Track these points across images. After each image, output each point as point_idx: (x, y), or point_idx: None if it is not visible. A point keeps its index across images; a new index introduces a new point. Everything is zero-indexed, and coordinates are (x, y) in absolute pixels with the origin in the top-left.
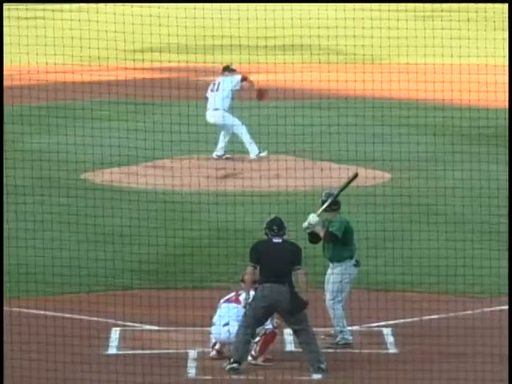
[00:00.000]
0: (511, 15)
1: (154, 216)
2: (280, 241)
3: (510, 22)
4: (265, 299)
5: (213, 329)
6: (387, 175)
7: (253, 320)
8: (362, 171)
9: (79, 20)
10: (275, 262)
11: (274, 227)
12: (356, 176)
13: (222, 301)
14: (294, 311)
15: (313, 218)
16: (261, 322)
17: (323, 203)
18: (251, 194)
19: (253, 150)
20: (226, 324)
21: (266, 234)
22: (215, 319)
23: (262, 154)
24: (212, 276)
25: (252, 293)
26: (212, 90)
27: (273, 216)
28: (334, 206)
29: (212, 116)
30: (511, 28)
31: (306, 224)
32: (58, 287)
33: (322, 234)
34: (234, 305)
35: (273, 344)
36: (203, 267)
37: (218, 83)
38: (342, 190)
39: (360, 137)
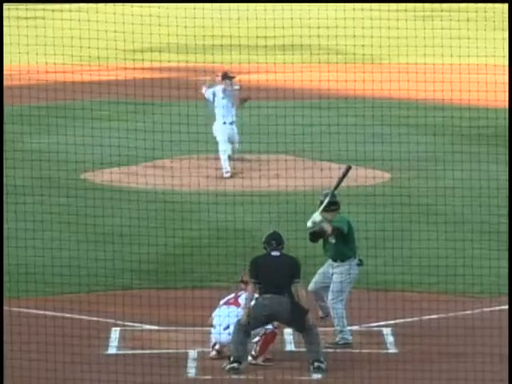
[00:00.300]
0: (511, 15)
1: (154, 216)
2: (278, 254)
3: (510, 21)
4: (265, 308)
5: (213, 332)
6: (387, 175)
7: (251, 325)
8: (362, 171)
9: (79, 20)
10: (274, 275)
11: (273, 242)
12: (349, 168)
13: (221, 302)
14: (295, 320)
15: (316, 216)
16: (258, 327)
17: (322, 203)
18: (251, 193)
19: (224, 167)
20: (227, 327)
21: (265, 248)
22: (215, 322)
23: (226, 175)
24: (212, 276)
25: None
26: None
27: (271, 230)
28: (334, 206)
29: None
30: (511, 28)
31: (309, 224)
32: (57, 287)
33: (329, 229)
34: (234, 307)
35: (273, 344)
36: (203, 267)
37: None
38: (338, 185)
39: (360, 137)
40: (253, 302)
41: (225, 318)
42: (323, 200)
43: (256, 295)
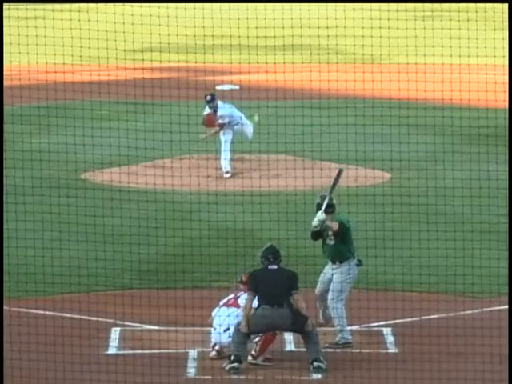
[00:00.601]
0: (511, 15)
1: (154, 216)
2: (276, 267)
3: (509, 21)
4: (265, 319)
5: (213, 334)
6: (387, 175)
7: (250, 332)
8: (362, 171)
9: (79, 20)
10: (273, 288)
11: (270, 256)
12: (341, 171)
13: (221, 302)
14: (296, 327)
15: (321, 215)
16: (258, 333)
17: (318, 206)
18: (251, 193)
19: (224, 166)
20: (227, 329)
21: (262, 262)
22: (215, 324)
23: (226, 176)
24: (212, 276)
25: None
26: None
27: (267, 245)
28: (330, 208)
29: None
30: (511, 28)
31: (315, 222)
32: (57, 287)
33: (335, 227)
34: (234, 309)
35: (272, 344)
36: (203, 267)
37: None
38: (332, 189)
39: (360, 137)
40: (252, 312)
41: (225, 320)
42: (320, 202)
43: (255, 304)
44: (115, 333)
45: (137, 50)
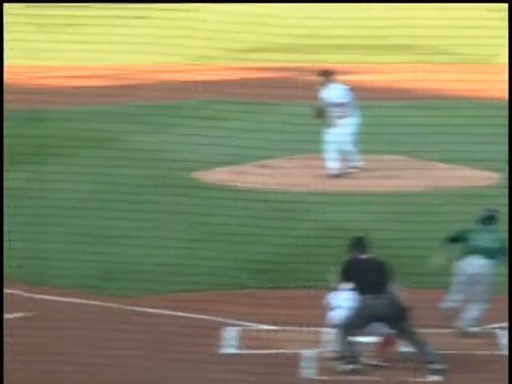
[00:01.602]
0: (511, 15)
1: (264, 215)
2: (370, 257)
3: (510, 21)
4: (367, 310)
5: (332, 314)
6: (495, 175)
7: (356, 325)
8: (469, 171)
9: (189, 19)
10: (372, 277)
11: (364, 245)
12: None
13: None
14: (398, 319)
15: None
16: (363, 327)
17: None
18: (360, 193)
19: (331, 165)
20: (338, 308)
21: (353, 251)
22: (333, 304)
23: (334, 172)
24: (321, 276)
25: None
26: None
27: (357, 235)
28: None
29: None
30: (511, 28)
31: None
32: (172, 286)
33: None
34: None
35: (393, 347)
36: (313, 266)
37: None
38: None
39: (468, 137)
40: (354, 303)
41: (338, 300)
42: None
43: (351, 297)
44: (230, 332)
45: (248, 49)
